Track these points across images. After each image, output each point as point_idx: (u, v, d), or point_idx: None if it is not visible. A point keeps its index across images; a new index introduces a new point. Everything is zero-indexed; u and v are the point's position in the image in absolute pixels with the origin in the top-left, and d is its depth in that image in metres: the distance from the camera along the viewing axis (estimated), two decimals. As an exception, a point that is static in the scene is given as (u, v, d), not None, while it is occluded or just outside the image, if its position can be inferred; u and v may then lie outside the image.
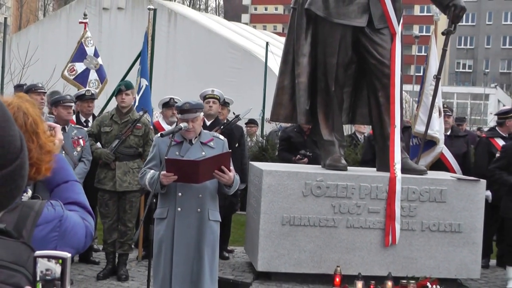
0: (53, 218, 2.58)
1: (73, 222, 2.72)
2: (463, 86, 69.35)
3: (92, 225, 2.88)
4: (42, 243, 2.50)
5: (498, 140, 10.25)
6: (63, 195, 2.90)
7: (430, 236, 8.47)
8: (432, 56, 10.57)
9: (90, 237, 2.84)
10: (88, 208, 2.94)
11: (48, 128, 2.99)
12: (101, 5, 27.54)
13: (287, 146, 10.80)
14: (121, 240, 8.59)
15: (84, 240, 2.79)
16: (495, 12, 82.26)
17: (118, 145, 8.52)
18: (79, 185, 3.01)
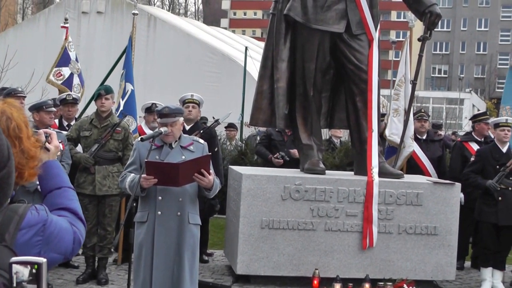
0: (36, 222, 2.58)
1: (60, 227, 2.71)
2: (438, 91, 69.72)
3: (82, 232, 2.87)
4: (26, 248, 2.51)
5: (472, 144, 10.39)
6: (55, 201, 2.92)
7: (407, 239, 8.57)
8: (402, 61, 10.73)
9: (79, 243, 2.84)
10: (79, 214, 2.95)
11: (44, 134, 3.03)
12: (80, 9, 27.47)
13: (267, 142, 10.92)
14: (101, 244, 8.61)
15: (72, 246, 2.79)
16: (469, 18, 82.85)
17: (98, 149, 8.53)
18: (72, 192, 3.03)
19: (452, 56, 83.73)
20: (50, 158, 3.05)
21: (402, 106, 10.37)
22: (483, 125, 10.54)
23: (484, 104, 60.80)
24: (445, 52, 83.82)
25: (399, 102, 10.33)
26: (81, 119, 9.33)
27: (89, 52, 25.06)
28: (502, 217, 9.08)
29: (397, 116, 10.15)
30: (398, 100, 10.42)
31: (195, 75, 23.90)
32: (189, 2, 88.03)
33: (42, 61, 14.84)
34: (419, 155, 10.42)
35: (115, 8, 27.49)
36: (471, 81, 79.41)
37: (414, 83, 9.90)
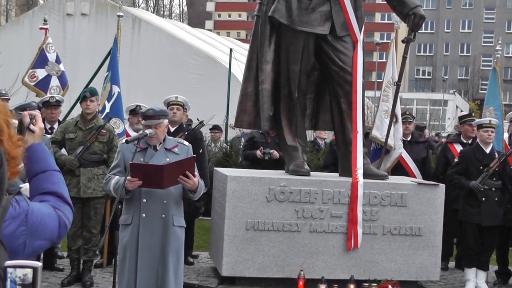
0: (18, 214, 2.60)
1: (42, 214, 2.72)
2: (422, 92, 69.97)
3: (67, 215, 2.86)
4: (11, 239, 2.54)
5: (457, 146, 10.45)
6: (40, 185, 2.91)
7: (391, 240, 8.61)
8: (389, 63, 10.78)
9: (65, 227, 2.83)
10: (65, 197, 2.93)
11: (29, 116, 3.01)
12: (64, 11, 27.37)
13: (251, 145, 10.98)
14: (86, 246, 8.59)
15: (57, 230, 2.79)
16: (453, 20, 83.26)
17: (83, 152, 8.52)
18: (57, 175, 3.00)
19: (435, 58, 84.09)
20: (35, 141, 3.02)
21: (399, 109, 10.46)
22: (467, 127, 10.61)
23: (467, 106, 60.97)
24: (429, 54, 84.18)
25: (389, 104, 10.36)
26: (66, 122, 9.31)
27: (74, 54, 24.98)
28: (485, 217, 9.13)
29: (388, 118, 10.19)
30: (388, 101, 10.46)
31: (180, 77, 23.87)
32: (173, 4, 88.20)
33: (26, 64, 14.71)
34: (404, 157, 10.47)
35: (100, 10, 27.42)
36: (454, 83, 79.73)
37: (398, 85, 9.93)
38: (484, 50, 79.48)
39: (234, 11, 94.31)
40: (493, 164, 9.19)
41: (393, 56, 10.84)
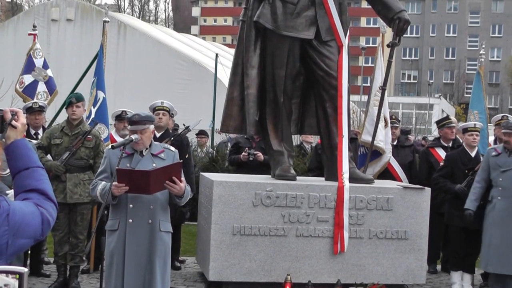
0: None
1: (23, 213, 2.71)
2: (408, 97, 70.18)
3: (51, 212, 2.85)
4: None
5: (439, 150, 10.50)
6: (23, 183, 2.89)
7: (378, 244, 8.62)
8: (377, 67, 10.81)
9: (48, 224, 2.83)
10: (48, 194, 2.92)
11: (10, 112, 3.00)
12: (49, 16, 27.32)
13: (236, 150, 11.01)
14: (72, 252, 8.57)
15: (40, 228, 2.79)
16: (438, 24, 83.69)
17: (69, 157, 8.51)
18: (40, 171, 2.99)
19: (421, 62, 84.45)
20: (18, 137, 3.00)
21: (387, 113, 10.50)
22: (446, 129, 10.66)
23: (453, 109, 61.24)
24: (414, 58, 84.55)
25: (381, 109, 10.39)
26: (52, 127, 9.29)
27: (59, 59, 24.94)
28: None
29: (381, 122, 10.22)
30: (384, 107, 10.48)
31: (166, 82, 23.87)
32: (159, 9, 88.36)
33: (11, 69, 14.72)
34: (390, 161, 10.50)
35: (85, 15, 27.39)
36: (440, 87, 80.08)
37: (384, 89, 9.97)
38: (469, 54, 79.89)
39: (220, 16, 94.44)
40: (478, 167, 9.23)
41: (381, 61, 10.88)
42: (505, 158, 8.40)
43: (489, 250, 8.35)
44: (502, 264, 8.29)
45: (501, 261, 8.25)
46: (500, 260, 8.26)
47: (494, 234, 8.32)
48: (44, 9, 28.14)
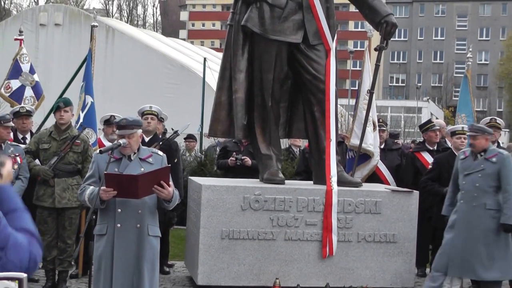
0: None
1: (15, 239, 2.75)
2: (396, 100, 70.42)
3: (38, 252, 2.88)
4: None
5: (424, 154, 10.53)
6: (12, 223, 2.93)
7: (366, 247, 8.64)
8: (365, 71, 10.85)
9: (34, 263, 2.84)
10: (36, 235, 2.96)
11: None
12: (38, 21, 27.23)
13: (224, 154, 11.02)
14: (61, 257, 8.56)
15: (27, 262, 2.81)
16: (426, 28, 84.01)
17: (57, 162, 8.49)
18: (26, 213, 3.03)
19: (409, 65, 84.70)
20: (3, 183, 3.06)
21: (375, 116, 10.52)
22: (430, 133, 10.69)
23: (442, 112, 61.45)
24: (402, 61, 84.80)
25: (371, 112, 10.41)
26: (40, 132, 9.28)
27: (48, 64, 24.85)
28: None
29: (370, 126, 10.25)
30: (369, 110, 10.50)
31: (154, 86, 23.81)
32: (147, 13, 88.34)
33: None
34: (378, 164, 10.53)
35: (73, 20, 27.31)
36: (428, 90, 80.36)
37: (371, 93, 10.00)
38: (457, 57, 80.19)
39: (208, 21, 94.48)
40: (466, 170, 9.26)
41: (368, 65, 10.92)
42: (470, 161, 8.35)
43: (450, 253, 8.27)
44: (464, 268, 8.22)
45: (463, 265, 8.19)
46: (462, 264, 8.19)
47: (455, 238, 8.26)
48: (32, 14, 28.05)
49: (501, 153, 8.28)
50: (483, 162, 8.23)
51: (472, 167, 8.29)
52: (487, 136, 8.30)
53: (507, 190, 8.05)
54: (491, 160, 8.18)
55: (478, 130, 8.30)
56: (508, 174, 8.12)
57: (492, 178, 8.15)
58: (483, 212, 8.11)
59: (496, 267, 8.07)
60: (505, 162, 8.16)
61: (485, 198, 8.13)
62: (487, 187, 8.15)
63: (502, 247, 8.12)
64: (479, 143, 8.23)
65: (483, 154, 8.25)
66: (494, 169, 8.14)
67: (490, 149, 8.29)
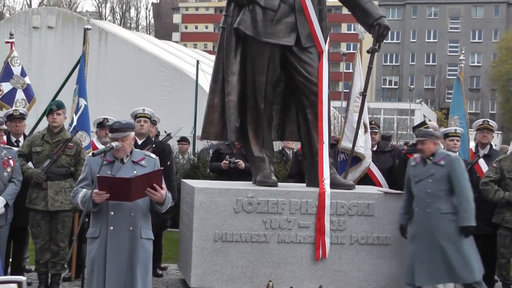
0: None
1: None
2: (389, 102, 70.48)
3: None
4: None
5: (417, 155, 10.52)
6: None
7: (359, 249, 8.64)
8: (356, 73, 10.87)
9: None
10: None
11: None
12: (31, 24, 27.25)
13: (217, 157, 11.04)
14: (54, 260, 8.55)
15: None
16: (418, 30, 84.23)
17: (50, 165, 8.49)
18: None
19: (402, 68, 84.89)
20: None
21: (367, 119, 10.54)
22: None
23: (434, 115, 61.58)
24: (395, 64, 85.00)
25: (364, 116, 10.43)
26: (33, 135, 9.27)
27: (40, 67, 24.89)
28: (452, 225, 9.21)
29: (361, 128, 10.27)
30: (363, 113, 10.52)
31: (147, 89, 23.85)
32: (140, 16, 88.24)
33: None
34: (370, 167, 10.54)
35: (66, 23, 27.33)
36: (421, 92, 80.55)
37: (364, 95, 10.02)
38: (450, 60, 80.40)
39: (201, 23, 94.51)
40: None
41: (359, 67, 10.95)
42: (420, 167, 8.32)
43: (415, 263, 8.21)
44: (431, 275, 8.16)
45: (430, 273, 8.14)
46: (429, 271, 8.14)
47: (418, 247, 8.23)
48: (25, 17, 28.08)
49: (449, 156, 8.23)
50: (432, 166, 8.18)
51: (421, 173, 8.26)
52: (435, 140, 8.25)
53: (460, 192, 8.02)
54: (440, 163, 8.12)
55: (426, 134, 8.24)
56: (459, 176, 8.09)
57: (443, 182, 8.10)
58: (439, 217, 8.07)
59: (464, 269, 8.03)
60: (453, 164, 8.11)
61: (439, 203, 8.08)
62: (439, 192, 8.10)
63: (465, 249, 8.06)
64: (427, 148, 8.18)
65: (431, 158, 8.20)
66: (443, 173, 8.10)
67: (438, 153, 8.22)
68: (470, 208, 8.02)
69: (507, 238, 9.17)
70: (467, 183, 8.16)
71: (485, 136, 10.28)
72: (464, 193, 8.05)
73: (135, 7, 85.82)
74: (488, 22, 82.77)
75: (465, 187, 8.09)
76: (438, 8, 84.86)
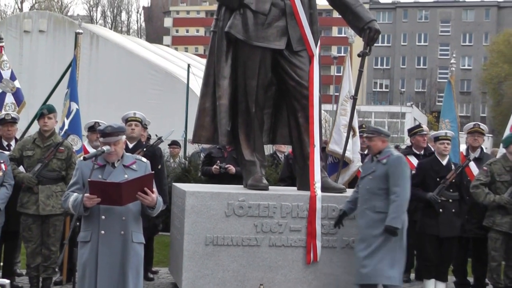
0: None
1: None
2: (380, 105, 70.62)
3: None
4: None
5: (411, 158, 10.56)
6: None
7: (350, 253, 8.61)
8: (345, 77, 10.91)
9: None
10: None
11: None
12: (22, 28, 27.24)
13: (208, 161, 11.05)
14: (45, 264, 8.54)
15: None
16: (409, 33, 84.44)
17: (41, 169, 8.49)
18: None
19: (393, 71, 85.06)
20: None
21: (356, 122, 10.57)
22: (418, 137, 10.77)
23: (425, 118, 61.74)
24: (386, 67, 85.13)
25: (347, 118, 10.45)
26: (24, 139, 9.26)
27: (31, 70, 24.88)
28: (443, 229, 9.24)
29: (346, 132, 10.29)
30: (346, 115, 10.55)
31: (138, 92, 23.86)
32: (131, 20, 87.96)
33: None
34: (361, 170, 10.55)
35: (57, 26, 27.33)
36: (412, 95, 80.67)
37: (355, 98, 10.03)
38: (441, 63, 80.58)
39: (192, 27, 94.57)
40: (450, 175, 9.31)
41: (348, 71, 10.99)
42: (367, 164, 8.28)
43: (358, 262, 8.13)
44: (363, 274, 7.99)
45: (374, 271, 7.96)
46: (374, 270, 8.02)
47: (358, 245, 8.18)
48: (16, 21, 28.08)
49: (392, 154, 8.04)
50: (375, 164, 8.07)
51: (366, 169, 8.23)
52: (383, 138, 8.11)
53: (394, 192, 7.81)
54: (382, 161, 7.98)
55: (374, 131, 8.15)
56: (396, 175, 7.88)
57: (382, 180, 7.93)
58: (374, 215, 7.91)
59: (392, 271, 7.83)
60: (394, 163, 7.93)
61: (375, 201, 7.93)
62: (377, 190, 7.94)
63: (393, 250, 7.88)
64: (374, 145, 8.09)
65: (378, 156, 8.09)
66: (383, 171, 7.93)
67: (384, 151, 8.08)
68: (400, 209, 7.81)
69: (497, 241, 9.19)
70: (405, 183, 7.94)
71: (476, 140, 10.32)
72: (398, 193, 7.82)
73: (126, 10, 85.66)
74: (479, 25, 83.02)
75: (401, 187, 7.86)
76: (429, 11, 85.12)
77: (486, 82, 69.59)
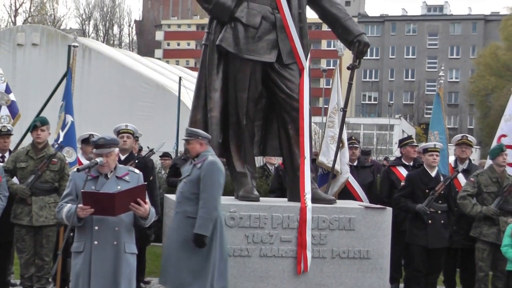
0: None
1: None
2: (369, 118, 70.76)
3: None
4: None
5: (400, 169, 10.65)
6: None
7: (340, 263, 8.66)
8: (334, 90, 11.00)
9: None
10: None
11: None
12: (15, 41, 27.28)
13: (174, 172, 11.13)
14: (39, 274, 8.60)
15: None
16: (397, 46, 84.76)
17: (34, 181, 8.55)
18: None
19: (381, 83, 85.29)
20: None
21: (345, 134, 10.64)
22: (409, 148, 10.86)
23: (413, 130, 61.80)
24: (374, 80, 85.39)
25: (335, 130, 10.53)
26: (17, 151, 9.33)
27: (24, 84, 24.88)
28: (431, 240, 9.33)
29: (334, 143, 10.37)
30: (334, 127, 10.63)
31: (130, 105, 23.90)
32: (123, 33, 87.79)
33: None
34: (351, 181, 10.60)
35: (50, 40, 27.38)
36: (400, 107, 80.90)
37: (344, 111, 10.09)
38: (428, 76, 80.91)
39: (183, 40, 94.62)
40: (439, 187, 9.40)
41: (337, 83, 11.06)
42: (186, 167, 8.02)
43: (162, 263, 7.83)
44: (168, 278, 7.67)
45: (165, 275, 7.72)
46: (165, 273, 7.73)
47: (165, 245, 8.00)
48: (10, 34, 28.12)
49: (207, 159, 7.70)
50: (192, 167, 7.78)
51: (183, 172, 7.96)
52: (202, 141, 7.83)
53: (202, 198, 7.51)
54: (197, 166, 7.69)
55: (191, 134, 7.86)
56: (206, 180, 7.54)
57: (194, 184, 7.61)
58: (184, 220, 7.63)
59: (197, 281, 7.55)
60: (207, 168, 7.59)
61: (186, 205, 7.64)
62: (189, 194, 7.63)
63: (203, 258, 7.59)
64: (192, 148, 7.79)
65: (195, 159, 7.81)
66: (197, 175, 7.61)
67: (201, 154, 7.77)
68: (207, 216, 7.43)
69: (485, 252, 9.28)
70: (215, 191, 7.62)
71: (464, 151, 10.42)
72: (206, 199, 7.50)
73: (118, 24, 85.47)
74: (466, 38, 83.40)
75: (208, 193, 7.54)
76: (417, 25, 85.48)
77: (473, 94, 69.77)
